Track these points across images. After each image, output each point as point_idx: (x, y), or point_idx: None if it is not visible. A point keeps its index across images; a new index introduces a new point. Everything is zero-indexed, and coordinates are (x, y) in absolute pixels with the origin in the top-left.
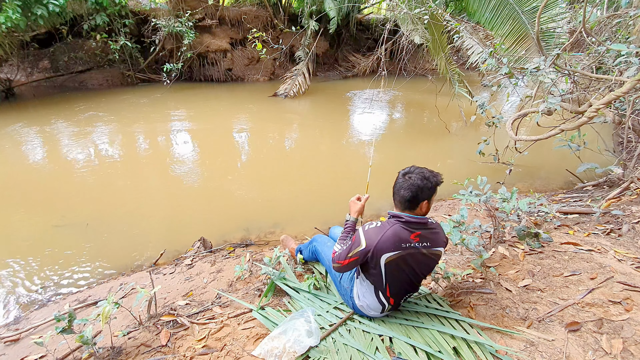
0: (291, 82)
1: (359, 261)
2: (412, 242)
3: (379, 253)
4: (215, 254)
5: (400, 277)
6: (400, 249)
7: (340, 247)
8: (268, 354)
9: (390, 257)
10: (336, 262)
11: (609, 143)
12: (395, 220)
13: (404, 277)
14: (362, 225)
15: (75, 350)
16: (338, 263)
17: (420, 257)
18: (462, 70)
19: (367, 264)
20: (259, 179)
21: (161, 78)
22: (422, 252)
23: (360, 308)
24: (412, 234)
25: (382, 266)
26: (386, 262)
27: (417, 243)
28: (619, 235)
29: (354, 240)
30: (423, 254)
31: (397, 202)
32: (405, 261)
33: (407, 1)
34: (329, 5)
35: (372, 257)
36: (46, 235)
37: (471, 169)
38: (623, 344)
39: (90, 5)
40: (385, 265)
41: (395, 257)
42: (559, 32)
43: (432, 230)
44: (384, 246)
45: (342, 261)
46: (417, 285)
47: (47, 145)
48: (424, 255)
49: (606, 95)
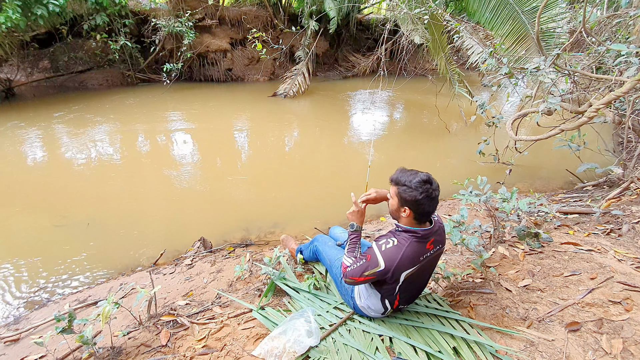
0: (291, 82)
1: (375, 280)
2: (428, 251)
3: (399, 272)
4: (215, 254)
5: (414, 287)
6: (419, 262)
7: (352, 261)
8: (268, 354)
9: (410, 272)
10: (349, 278)
11: (609, 143)
12: (411, 236)
13: (416, 286)
14: (377, 243)
15: (75, 350)
16: (352, 279)
17: (433, 260)
18: (462, 70)
19: (385, 281)
20: (259, 179)
21: (161, 78)
22: (435, 256)
23: (361, 309)
24: (427, 243)
25: (400, 281)
26: (405, 277)
27: (432, 250)
28: (619, 235)
29: (370, 259)
30: (435, 257)
31: (417, 214)
32: (421, 271)
33: (407, 1)
34: (329, 5)
35: (392, 276)
36: (46, 235)
37: (471, 169)
38: (623, 344)
39: (90, 5)
40: (403, 281)
41: (415, 271)
42: (559, 32)
43: (439, 230)
44: (404, 265)
45: (357, 278)
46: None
47: (47, 145)
48: (435, 258)
49: (606, 95)
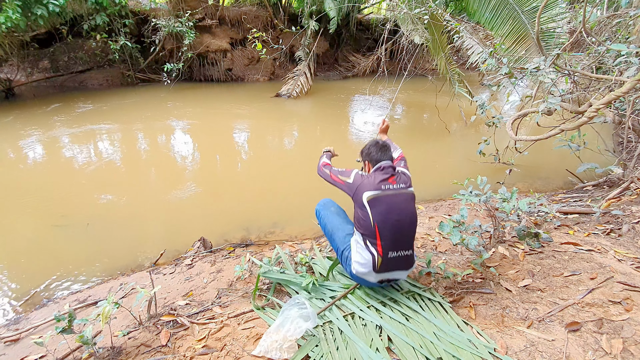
0: (293, 83)
1: (340, 186)
2: (390, 184)
3: (362, 190)
4: (215, 254)
5: (388, 220)
6: (380, 190)
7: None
8: (269, 350)
9: (372, 195)
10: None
11: (609, 143)
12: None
13: (392, 222)
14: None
15: (75, 350)
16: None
17: (403, 200)
18: (462, 70)
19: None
20: (259, 179)
21: (161, 78)
22: (403, 196)
23: (357, 274)
24: (388, 177)
25: (366, 205)
26: (369, 199)
27: (396, 186)
28: (619, 235)
29: (347, 171)
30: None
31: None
32: (387, 202)
33: (407, 1)
34: (329, 5)
35: (356, 193)
36: (46, 235)
37: (471, 169)
38: (623, 344)
39: (90, 5)
40: (369, 203)
41: (377, 195)
42: (559, 32)
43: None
44: (365, 186)
45: (331, 174)
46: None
47: (47, 145)
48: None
49: (606, 95)
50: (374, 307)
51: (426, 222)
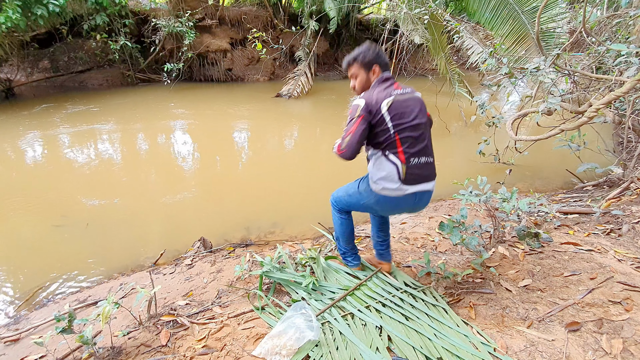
0: (294, 83)
1: (365, 120)
2: (396, 90)
3: (378, 102)
4: (215, 254)
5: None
6: (392, 95)
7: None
8: (268, 353)
9: (388, 102)
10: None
11: (609, 143)
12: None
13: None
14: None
15: (75, 350)
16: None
17: (412, 102)
18: (462, 70)
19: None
20: (259, 179)
21: (161, 78)
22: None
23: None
24: (394, 84)
25: (385, 116)
26: (388, 107)
27: (402, 91)
28: (619, 235)
29: (351, 111)
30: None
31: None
32: (402, 106)
33: (407, 1)
34: (329, 5)
35: (374, 106)
36: (46, 235)
37: (471, 169)
38: (623, 344)
39: (90, 5)
40: (388, 111)
41: (391, 101)
42: (559, 32)
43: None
44: (380, 95)
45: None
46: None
47: (47, 145)
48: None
49: (606, 95)
50: (373, 308)
51: (426, 222)
